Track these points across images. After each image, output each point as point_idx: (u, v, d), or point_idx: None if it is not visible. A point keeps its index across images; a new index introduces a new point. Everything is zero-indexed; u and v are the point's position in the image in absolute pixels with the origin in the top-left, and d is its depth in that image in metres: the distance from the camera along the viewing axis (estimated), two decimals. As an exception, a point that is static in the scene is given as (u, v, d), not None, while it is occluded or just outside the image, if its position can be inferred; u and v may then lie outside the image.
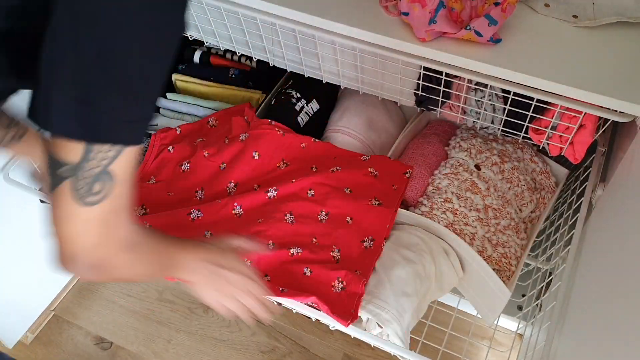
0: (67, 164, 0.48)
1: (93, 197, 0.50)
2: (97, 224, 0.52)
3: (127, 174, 0.51)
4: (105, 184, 0.50)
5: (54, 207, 0.51)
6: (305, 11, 0.82)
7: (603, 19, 0.79)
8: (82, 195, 0.49)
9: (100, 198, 0.50)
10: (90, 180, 0.49)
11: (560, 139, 0.87)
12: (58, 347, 1.32)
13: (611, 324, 0.66)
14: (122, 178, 0.51)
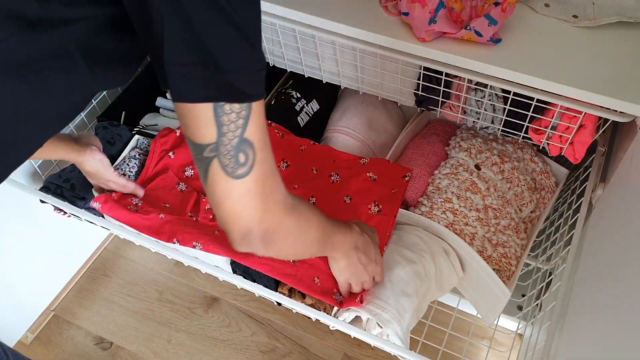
0: (208, 144, 0.50)
1: (242, 169, 0.51)
2: (255, 193, 0.53)
3: (263, 138, 0.52)
4: (248, 152, 0.51)
5: (212, 193, 0.53)
6: (305, 11, 0.82)
7: (603, 19, 0.79)
8: (231, 169, 0.51)
9: (249, 168, 0.52)
10: (233, 152, 0.50)
11: (560, 139, 0.87)
12: (58, 347, 1.32)
13: (611, 324, 0.66)
14: (261, 143, 0.52)
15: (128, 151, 1.06)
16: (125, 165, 1.04)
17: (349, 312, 0.88)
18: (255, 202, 0.54)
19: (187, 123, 0.50)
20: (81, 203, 1.02)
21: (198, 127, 0.49)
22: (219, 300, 1.37)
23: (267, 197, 0.55)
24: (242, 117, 0.50)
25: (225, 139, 0.50)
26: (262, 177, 0.53)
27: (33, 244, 1.25)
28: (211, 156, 0.51)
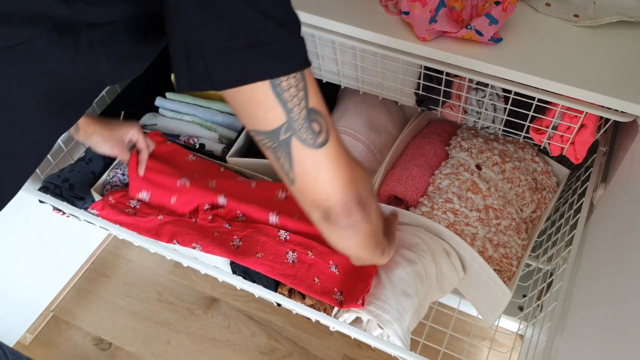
0: (281, 125, 0.50)
1: (321, 137, 0.52)
2: (338, 157, 0.54)
3: (323, 103, 0.52)
4: (320, 120, 0.51)
5: (303, 172, 0.53)
6: (305, 10, 0.82)
7: (604, 19, 0.79)
8: (312, 141, 0.51)
9: (326, 134, 0.52)
10: (306, 125, 0.50)
11: (561, 139, 0.87)
12: (57, 348, 1.31)
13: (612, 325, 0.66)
14: (324, 108, 0.52)
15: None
16: (124, 166, 1.04)
17: (350, 313, 0.88)
18: (345, 161, 0.54)
19: (251, 114, 0.50)
20: (80, 203, 1.02)
21: (265, 113, 0.49)
22: (218, 301, 1.37)
23: (349, 160, 0.56)
24: (301, 89, 0.49)
25: (295, 115, 0.50)
26: (339, 138, 0.54)
27: (32, 244, 1.25)
28: (288, 136, 0.50)
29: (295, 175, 0.53)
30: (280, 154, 0.52)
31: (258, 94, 0.48)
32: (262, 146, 0.53)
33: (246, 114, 0.50)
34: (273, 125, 0.50)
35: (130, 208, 0.96)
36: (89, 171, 1.04)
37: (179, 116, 1.14)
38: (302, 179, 0.53)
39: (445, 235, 0.94)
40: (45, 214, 1.12)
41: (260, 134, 0.51)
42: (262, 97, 0.48)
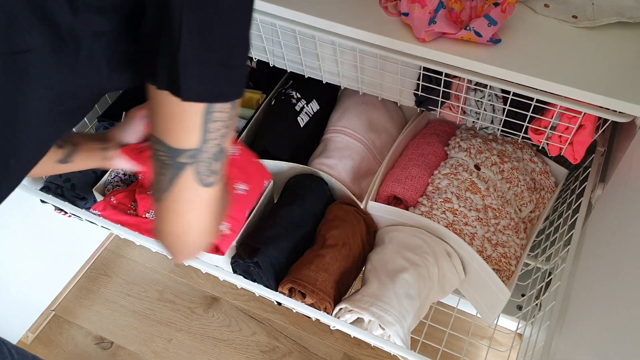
0: (188, 150, 0.47)
1: (213, 177, 0.50)
2: (215, 203, 0.52)
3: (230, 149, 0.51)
4: (222, 162, 0.50)
5: (174, 200, 0.50)
6: (305, 11, 0.82)
7: (603, 19, 0.79)
8: (204, 177, 0.49)
9: (219, 177, 0.50)
10: (210, 161, 0.49)
11: (559, 139, 0.88)
12: (58, 347, 1.32)
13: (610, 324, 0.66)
14: (228, 153, 0.51)
15: None
16: None
17: (351, 314, 0.88)
18: (214, 210, 0.52)
19: (167, 126, 0.47)
20: (82, 203, 1.02)
21: (182, 131, 0.47)
22: (219, 300, 1.37)
23: (222, 210, 0.54)
24: (226, 126, 0.48)
25: (207, 147, 0.48)
26: (222, 189, 0.52)
27: (33, 243, 1.25)
28: (188, 162, 0.48)
29: (167, 197, 0.50)
30: (167, 172, 0.49)
31: (192, 109, 0.46)
32: (154, 153, 0.49)
33: (162, 123, 0.47)
34: (182, 145, 0.47)
35: (132, 209, 0.97)
36: (90, 171, 1.04)
37: None
38: (171, 205, 0.51)
39: (444, 235, 0.95)
40: (47, 214, 1.13)
41: (162, 145, 0.48)
42: (191, 115, 0.46)
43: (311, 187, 1.01)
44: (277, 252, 0.92)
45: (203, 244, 0.55)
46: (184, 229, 0.52)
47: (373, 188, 1.01)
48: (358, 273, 0.98)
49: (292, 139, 1.10)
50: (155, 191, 0.51)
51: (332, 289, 0.89)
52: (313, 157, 1.10)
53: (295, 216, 0.97)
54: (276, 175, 1.06)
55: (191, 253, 0.55)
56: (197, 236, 0.53)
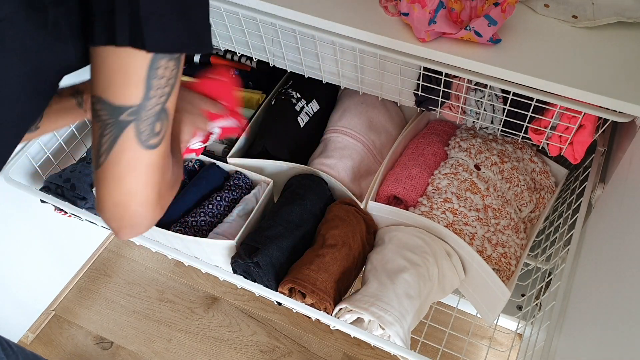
0: (130, 106, 0.47)
1: (154, 139, 0.49)
2: (158, 168, 0.50)
3: (174, 112, 0.50)
4: (164, 123, 0.49)
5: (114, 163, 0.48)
6: (305, 11, 0.82)
7: (602, 19, 0.79)
8: (146, 138, 0.48)
9: (160, 139, 0.49)
10: (152, 120, 0.48)
11: (559, 139, 0.88)
12: (58, 347, 1.32)
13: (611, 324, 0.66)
14: (172, 116, 0.50)
15: None
16: None
17: (351, 314, 0.88)
18: (155, 178, 0.50)
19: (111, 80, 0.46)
20: (82, 203, 1.03)
21: (124, 86, 0.46)
22: (219, 300, 1.37)
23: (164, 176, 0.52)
24: (170, 85, 0.48)
25: (149, 104, 0.47)
26: (166, 152, 0.51)
27: (33, 243, 1.25)
28: (128, 120, 0.47)
29: (107, 160, 0.49)
30: (108, 132, 0.48)
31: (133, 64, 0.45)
32: (95, 115, 0.48)
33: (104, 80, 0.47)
34: (123, 101, 0.47)
35: None
36: (90, 171, 1.04)
37: None
38: (111, 170, 0.49)
39: (444, 235, 0.95)
40: (47, 214, 1.13)
41: (103, 104, 0.47)
42: (135, 69, 0.46)
43: (311, 187, 1.01)
44: (277, 252, 0.92)
45: (146, 216, 0.52)
46: (124, 197, 0.50)
47: (373, 188, 1.01)
48: (358, 273, 0.99)
49: (292, 139, 1.10)
50: (95, 157, 0.50)
51: (332, 289, 0.89)
52: (313, 157, 1.10)
53: (295, 216, 0.97)
54: (276, 175, 1.06)
55: (134, 226, 0.53)
56: (139, 206, 0.51)
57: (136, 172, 0.49)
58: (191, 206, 1.01)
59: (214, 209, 1.00)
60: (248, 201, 1.00)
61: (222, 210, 1.00)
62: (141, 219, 0.52)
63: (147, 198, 0.51)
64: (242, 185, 1.04)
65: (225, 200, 1.01)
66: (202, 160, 1.07)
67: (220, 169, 1.05)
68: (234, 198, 1.02)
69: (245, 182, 1.04)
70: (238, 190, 1.03)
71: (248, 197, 1.01)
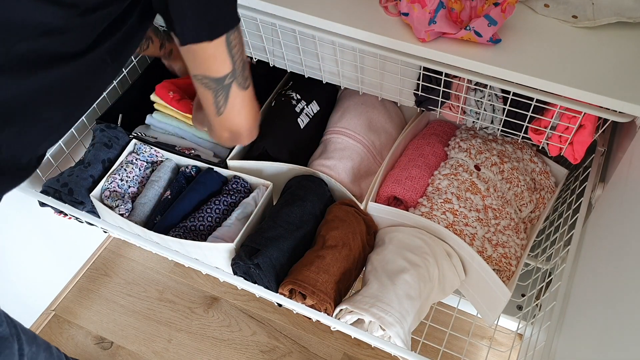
0: (228, 73, 0.67)
1: (247, 81, 0.70)
2: (253, 97, 0.74)
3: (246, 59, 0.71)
4: (247, 70, 0.69)
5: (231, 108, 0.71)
6: (305, 11, 0.82)
7: (602, 19, 0.79)
8: (244, 84, 0.70)
9: (250, 80, 0.70)
10: (243, 73, 0.68)
11: (559, 139, 0.88)
12: (58, 347, 1.32)
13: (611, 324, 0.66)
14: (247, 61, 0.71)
15: (125, 156, 1.06)
16: (123, 170, 1.04)
17: (352, 315, 0.88)
18: (254, 99, 0.74)
19: (208, 64, 0.65)
20: (80, 207, 1.02)
21: (219, 64, 0.65)
22: (219, 300, 1.37)
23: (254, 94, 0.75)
24: (241, 43, 0.66)
25: (237, 65, 0.66)
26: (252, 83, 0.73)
27: (33, 244, 1.25)
28: (231, 81, 0.67)
29: (225, 109, 0.71)
30: (220, 94, 0.68)
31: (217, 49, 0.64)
32: (204, 87, 0.68)
33: (201, 65, 0.66)
34: (221, 73, 0.66)
35: None
36: (87, 175, 1.03)
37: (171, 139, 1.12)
38: (230, 111, 0.71)
39: (444, 236, 0.95)
40: (47, 214, 1.13)
41: (209, 79, 0.67)
42: (217, 50, 0.64)
43: (311, 188, 1.01)
44: (278, 253, 0.92)
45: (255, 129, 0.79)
46: (243, 121, 0.74)
47: (373, 189, 1.01)
48: (358, 274, 0.98)
49: (292, 141, 1.10)
50: (214, 110, 0.71)
51: (332, 290, 0.89)
52: (313, 158, 1.10)
53: (295, 217, 0.97)
54: (276, 176, 1.06)
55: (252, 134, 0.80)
56: (253, 122, 0.77)
57: (247, 106, 0.73)
58: (189, 211, 1.00)
59: (213, 213, 0.99)
60: (247, 204, 1.00)
61: (221, 214, 1.00)
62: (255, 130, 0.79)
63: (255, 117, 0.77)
64: (241, 190, 1.03)
65: (223, 204, 1.01)
66: (199, 166, 1.06)
67: (217, 174, 1.04)
68: (233, 202, 1.01)
69: (243, 186, 1.04)
70: (237, 194, 1.02)
71: (247, 200, 1.00)
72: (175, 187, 1.03)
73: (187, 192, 1.02)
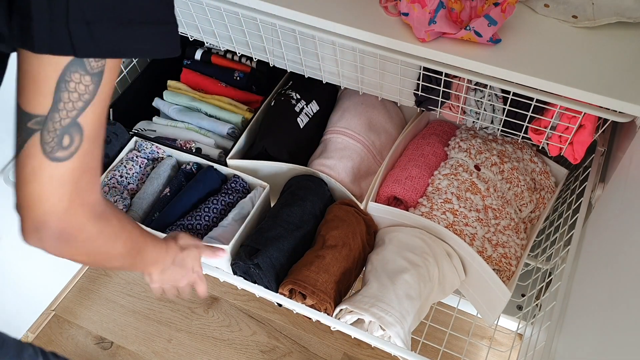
0: (37, 115, 0.46)
1: (62, 152, 0.48)
2: (67, 183, 0.49)
3: (96, 131, 0.49)
4: (75, 138, 0.48)
5: (21, 167, 0.48)
6: (305, 11, 0.82)
7: (602, 19, 0.79)
8: (51, 149, 0.47)
9: (70, 153, 0.48)
10: (59, 132, 0.47)
11: (559, 139, 0.88)
12: (58, 347, 1.32)
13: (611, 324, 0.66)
14: (92, 134, 0.49)
15: (126, 153, 1.06)
16: (123, 167, 1.04)
17: (352, 315, 0.88)
18: (63, 191, 0.49)
19: (23, 86, 0.46)
20: None
21: (34, 94, 0.46)
22: (219, 300, 1.37)
23: (77, 193, 0.50)
24: (84, 100, 0.47)
25: (57, 116, 0.46)
26: (80, 170, 0.49)
27: (33, 244, 1.25)
28: (34, 129, 0.47)
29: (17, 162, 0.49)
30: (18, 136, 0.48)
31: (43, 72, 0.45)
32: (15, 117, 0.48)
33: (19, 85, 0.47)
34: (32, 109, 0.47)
35: None
36: None
37: (173, 124, 1.14)
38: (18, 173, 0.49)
39: (444, 236, 0.95)
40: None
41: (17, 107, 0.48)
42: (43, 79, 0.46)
43: (311, 188, 1.01)
44: (278, 253, 0.92)
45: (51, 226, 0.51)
46: (27, 201, 0.50)
47: (373, 189, 1.01)
48: (358, 274, 0.98)
49: (292, 140, 1.10)
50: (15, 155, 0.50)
51: (332, 290, 0.89)
52: (313, 158, 1.10)
53: (295, 217, 0.97)
54: (275, 176, 1.06)
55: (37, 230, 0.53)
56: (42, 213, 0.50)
57: (40, 180, 0.48)
58: (188, 209, 1.01)
59: (210, 212, 0.99)
60: (244, 205, 1.00)
61: (218, 214, 1.00)
62: (43, 226, 0.51)
63: (53, 208, 0.50)
64: (239, 189, 1.03)
65: (221, 204, 1.01)
66: (199, 163, 1.07)
67: (217, 172, 1.05)
68: (230, 202, 1.01)
69: (242, 186, 1.04)
70: (235, 193, 1.02)
71: (244, 201, 1.00)
72: (175, 185, 1.04)
73: (186, 190, 1.02)
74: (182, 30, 1.05)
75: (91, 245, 0.56)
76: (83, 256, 0.58)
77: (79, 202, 0.51)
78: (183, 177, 1.05)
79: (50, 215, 0.50)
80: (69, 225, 0.52)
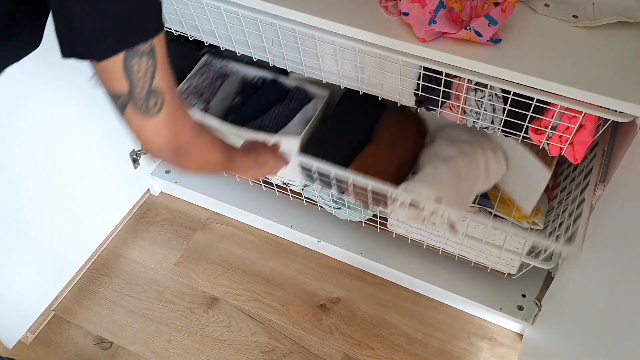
0: (121, 94, 0.59)
1: (154, 109, 0.62)
2: (167, 125, 0.64)
3: (170, 84, 0.61)
4: (158, 97, 0.61)
5: (128, 123, 0.62)
6: (305, 11, 0.82)
7: (603, 19, 0.79)
8: (145, 110, 0.61)
9: (160, 107, 0.62)
10: (144, 98, 0.60)
11: (560, 139, 0.88)
12: (58, 347, 1.32)
13: (611, 324, 0.66)
14: (167, 88, 0.61)
15: (198, 68, 1.23)
16: (196, 79, 1.21)
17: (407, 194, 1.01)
18: (167, 131, 0.64)
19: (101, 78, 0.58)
20: None
21: (111, 82, 0.58)
22: (219, 300, 1.37)
23: (177, 125, 0.65)
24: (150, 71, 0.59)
25: (137, 89, 0.59)
26: (172, 112, 0.63)
27: (33, 243, 1.25)
28: (124, 103, 0.60)
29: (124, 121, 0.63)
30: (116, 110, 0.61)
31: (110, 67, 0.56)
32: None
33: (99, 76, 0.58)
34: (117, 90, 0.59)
35: None
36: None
37: None
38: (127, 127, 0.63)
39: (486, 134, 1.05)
40: (46, 213, 1.13)
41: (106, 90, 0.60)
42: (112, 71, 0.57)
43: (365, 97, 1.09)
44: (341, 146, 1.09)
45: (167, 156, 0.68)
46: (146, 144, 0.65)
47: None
48: (410, 170, 1.14)
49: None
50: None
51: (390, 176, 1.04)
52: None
53: (354, 117, 1.13)
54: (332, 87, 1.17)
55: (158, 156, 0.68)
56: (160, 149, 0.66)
57: (148, 132, 0.64)
58: (258, 114, 1.17)
59: (278, 116, 1.17)
60: (307, 110, 1.17)
61: (285, 118, 1.17)
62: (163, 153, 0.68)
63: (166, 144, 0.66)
64: (303, 97, 1.19)
65: (287, 109, 1.17)
66: (264, 76, 1.21)
67: (280, 84, 1.21)
68: (295, 107, 1.18)
69: (304, 95, 1.20)
70: (298, 101, 1.19)
71: (307, 107, 1.17)
72: (245, 95, 1.22)
73: (255, 99, 1.19)
74: (182, 30, 1.05)
75: (197, 155, 0.72)
76: (197, 165, 0.74)
77: (180, 130, 0.66)
78: (251, 89, 1.22)
79: (165, 146, 0.66)
80: (180, 146, 0.67)
